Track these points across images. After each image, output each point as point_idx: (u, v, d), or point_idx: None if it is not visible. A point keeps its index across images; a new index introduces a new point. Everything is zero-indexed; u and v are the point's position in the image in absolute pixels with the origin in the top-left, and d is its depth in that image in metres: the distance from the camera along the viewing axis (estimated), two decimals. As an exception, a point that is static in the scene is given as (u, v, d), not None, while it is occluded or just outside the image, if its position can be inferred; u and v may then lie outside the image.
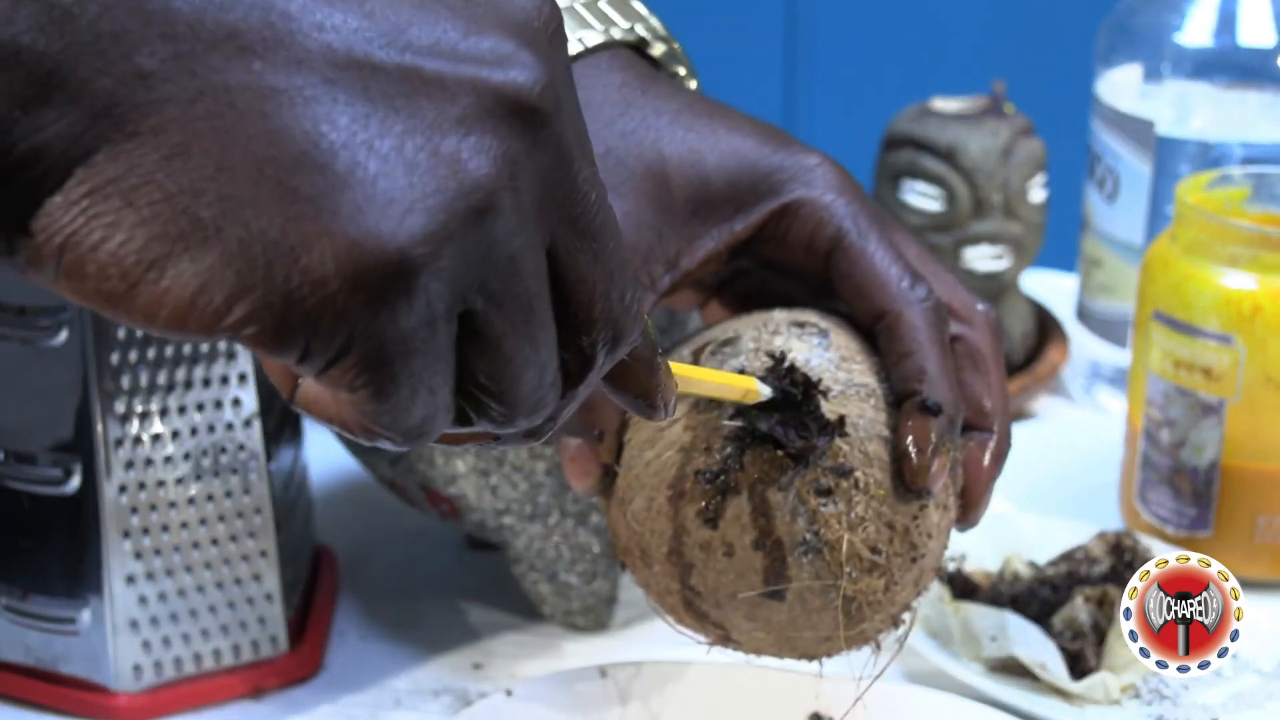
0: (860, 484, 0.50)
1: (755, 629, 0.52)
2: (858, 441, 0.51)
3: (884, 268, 0.54)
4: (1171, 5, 0.95)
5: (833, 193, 0.55)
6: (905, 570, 0.52)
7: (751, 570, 0.50)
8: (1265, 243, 0.77)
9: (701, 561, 0.51)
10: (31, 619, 0.69)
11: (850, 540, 0.50)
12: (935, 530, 0.53)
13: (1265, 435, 0.78)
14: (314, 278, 0.33)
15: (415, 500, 0.74)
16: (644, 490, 0.52)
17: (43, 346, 0.66)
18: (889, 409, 0.52)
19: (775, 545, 0.50)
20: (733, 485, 0.50)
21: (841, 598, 0.51)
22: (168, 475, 0.68)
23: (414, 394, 0.36)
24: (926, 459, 0.51)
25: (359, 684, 0.73)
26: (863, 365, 0.52)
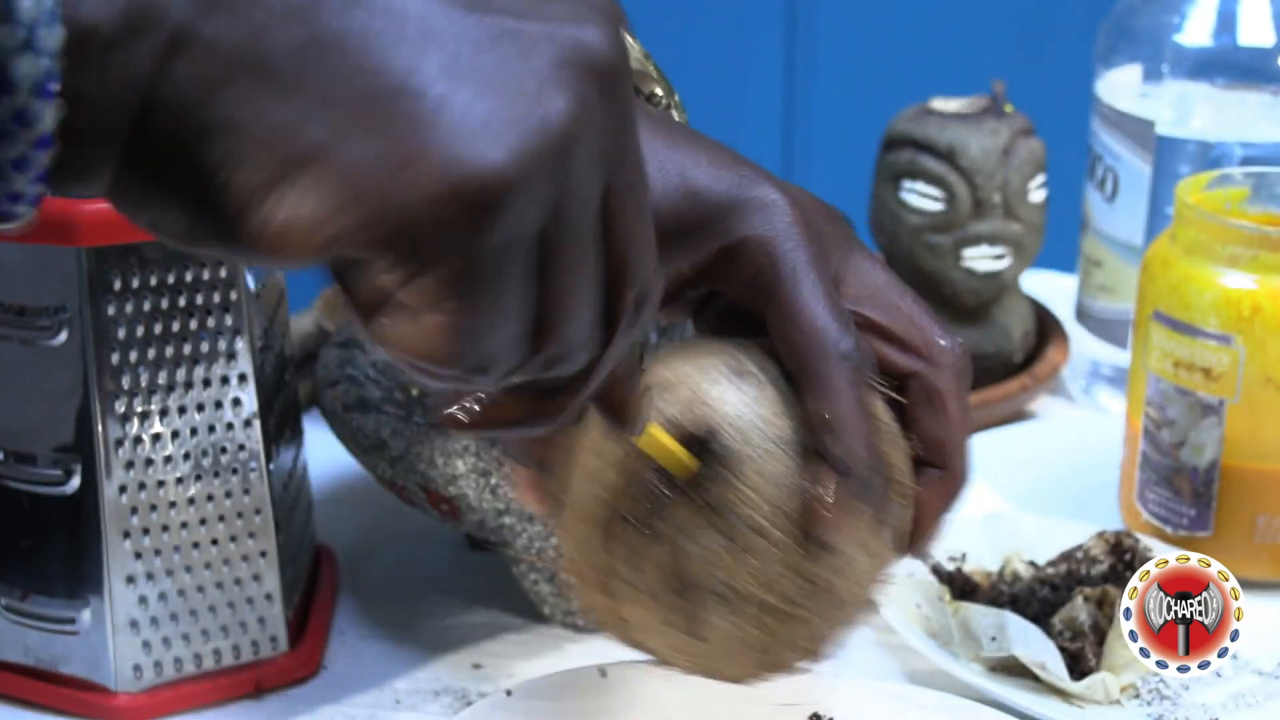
0: (775, 540, 0.51)
1: (683, 659, 0.54)
2: (775, 497, 0.51)
3: (809, 321, 0.52)
4: (1171, 5, 0.95)
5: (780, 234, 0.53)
6: (824, 614, 0.53)
7: (674, 612, 0.52)
8: (1265, 243, 0.77)
9: (630, 598, 0.53)
10: (31, 619, 0.69)
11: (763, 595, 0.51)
12: (860, 576, 0.53)
13: (1265, 435, 0.78)
14: (419, 188, 0.36)
15: (415, 500, 0.74)
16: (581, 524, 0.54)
17: (43, 346, 0.66)
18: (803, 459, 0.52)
19: (694, 592, 0.52)
20: (654, 534, 0.52)
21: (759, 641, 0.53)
22: (168, 475, 0.68)
23: (495, 315, 0.39)
24: (830, 518, 0.51)
25: (359, 684, 0.73)
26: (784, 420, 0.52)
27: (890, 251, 0.99)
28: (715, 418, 0.52)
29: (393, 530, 0.85)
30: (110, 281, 0.65)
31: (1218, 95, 0.94)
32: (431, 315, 0.38)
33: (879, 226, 0.99)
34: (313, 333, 0.96)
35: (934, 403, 0.55)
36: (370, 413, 0.75)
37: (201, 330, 0.67)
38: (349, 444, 0.76)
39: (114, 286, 0.65)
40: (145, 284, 0.66)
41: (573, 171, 0.38)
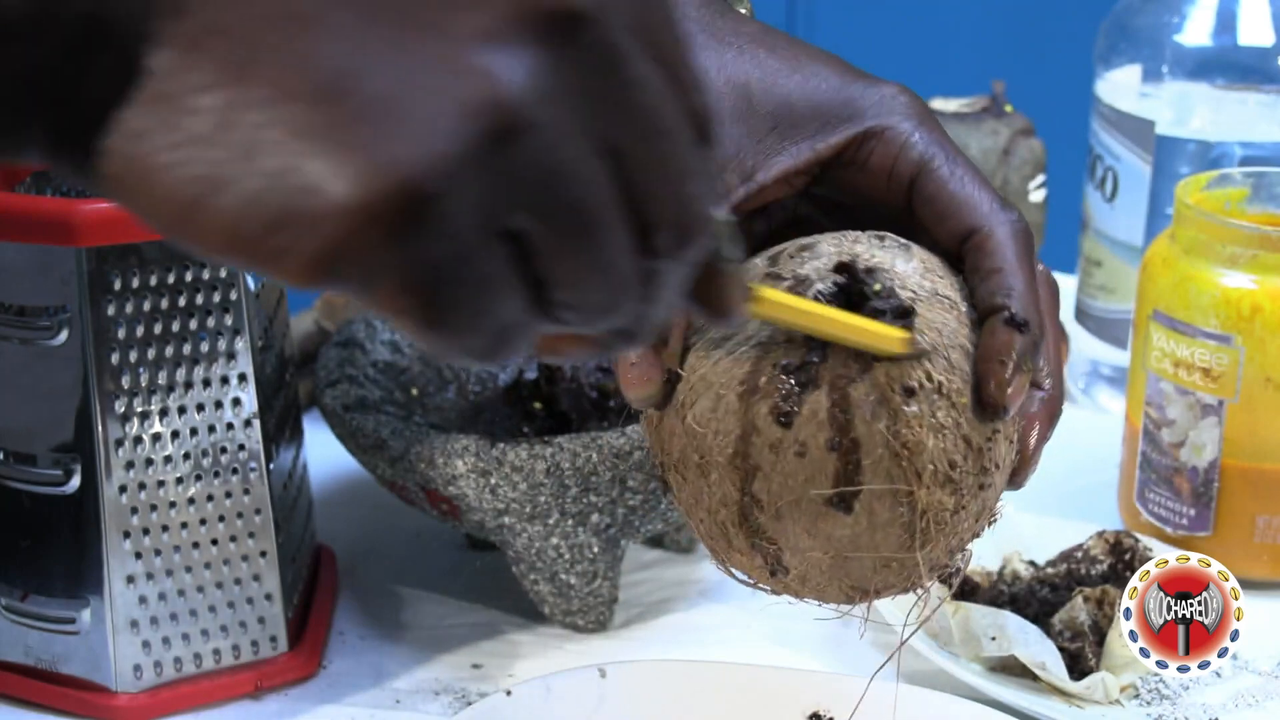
0: (943, 389, 0.48)
1: (813, 546, 0.49)
2: (942, 348, 0.49)
3: (973, 190, 0.54)
4: (1171, 5, 0.95)
5: (914, 120, 0.55)
6: (973, 495, 0.50)
7: (822, 474, 0.48)
8: (1265, 243, 0.77)
9: (769, 464, 0.48)
10: (31, 619, 0.69)
11: (930, 445, 0.48)
12: (1003, 463, 0.51)
13: (1265, 435, 0.78)
14: (332, 212, 0.34)
15: (415, 500, 0.74)
16: (711, 390, 0.49)
17: (43, 346, 0.66)
18: (971, 325, 0.50)
19: (851, 446, 0.47)
20: (813, 379, 0.48)
21: (910, 512, 0.48)
22: (168, 475, 0.68)
23: (468, 319, 0.36)
24: (1007, 375, 0.49)
25: (359, 684, 0.73)
26: (946, 280, 0.51)
27: (890, 251, 0.99)
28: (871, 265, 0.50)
29: (393, 530, 0.85)
30: (110, 281, 0.65)
31: (1218, 95, 0.94)
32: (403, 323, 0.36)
33: (879, 226, 0.99)
34: (313, 333, 0.96)
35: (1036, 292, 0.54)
36: (370, 413, 0.75)
37: (201, 330, 0.67)
38: (349, 444, 0.76)
39: (114, 286, 0.65)
40: (145, 284, 0.66)
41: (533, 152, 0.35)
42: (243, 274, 0.67)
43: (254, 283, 0.69)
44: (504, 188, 0.35)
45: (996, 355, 0.49)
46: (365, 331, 0.84)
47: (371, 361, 0.82)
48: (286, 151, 0.34)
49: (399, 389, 0.82)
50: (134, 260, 0.65)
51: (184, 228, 0.35)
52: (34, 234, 0.64)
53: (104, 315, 0.65)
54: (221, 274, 0.67)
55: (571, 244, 0.37)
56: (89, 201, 0.64)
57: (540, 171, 0.35)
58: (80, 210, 0.63)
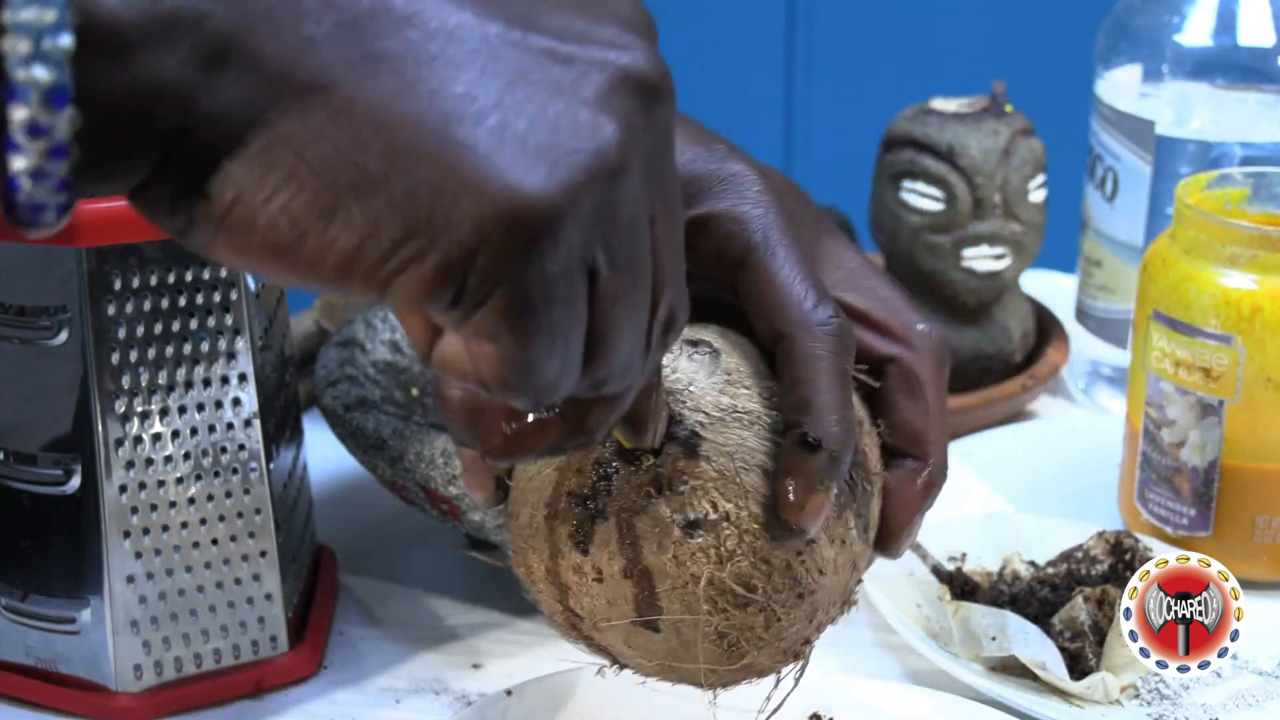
0: (732, 517, 0.48)
1: (636, 655, 0.51)
2: (732, 472, 0.48)
3: (787, 286, 0.51)
4: (1171, 5, 0.95)
5: (749, 204, 0.52)
6: (791, 607, 0.49)
7: (623, 598, 0.49)
8: (1265, 243, 0.77)
9: (576, 585, 0.50)
10: (31, 619, 0.69)
11: (719, 576, 0.48)
12: (829, 566, 0.50)
13: (1265, 435, 0.78)
14: (473, 220, 0.36)
15: (415, 500, 0.74)
16: (527, 506, 0.51)
17: (43, 346, 0.66)
18: (775, 439, 0.49)
19: (643, 574, 0.48)
20: (601, 510, 0.49)
21: (715, 632, 0.49)
22: (168, 475, 0.68)
23: (551, 344, 0.38)
24: (804, 496, 0.48)
25: (359, 684, 0.73)
26: (750, 391, 0.50)
27: (890, 251, 0.99)
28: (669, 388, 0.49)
29: (393, 530, 0.85)
30: (110, 281, 0.65)
31: (1218, 95, 0.94)
32: (488, 345, 0.38)
33: (879, 226, 0.99)
34: (313, 333, 0.96)
35: (913, 390, 0.52)
36: (370, 413, 0.75)
37: (201, 330, 0.67)
38: (349, 444, 0.76)
39: (114, 286, 0.65)
40: (145, 284, 0.66)
41: (622, 198, 0.38)
42: (243, 274, 0.67)
43: (254, 282, 0.69)
44: (600, 223, 0.38)
45: (790, 478, 0.48)
46: (365, 331, 0.84)
47: (371, 361, 0.82)
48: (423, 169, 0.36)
49: (399, 389, 0.82)
50: (134, 260, 0.65)
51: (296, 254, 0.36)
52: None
53: (104, 315, 0.65)
54: (222, 274, 0.67)
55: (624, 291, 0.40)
56: (89, 201, 0.64)
57: (622, 217, 0.39)
58: (80, 210, 0.63)
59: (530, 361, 0.38)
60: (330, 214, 0.36)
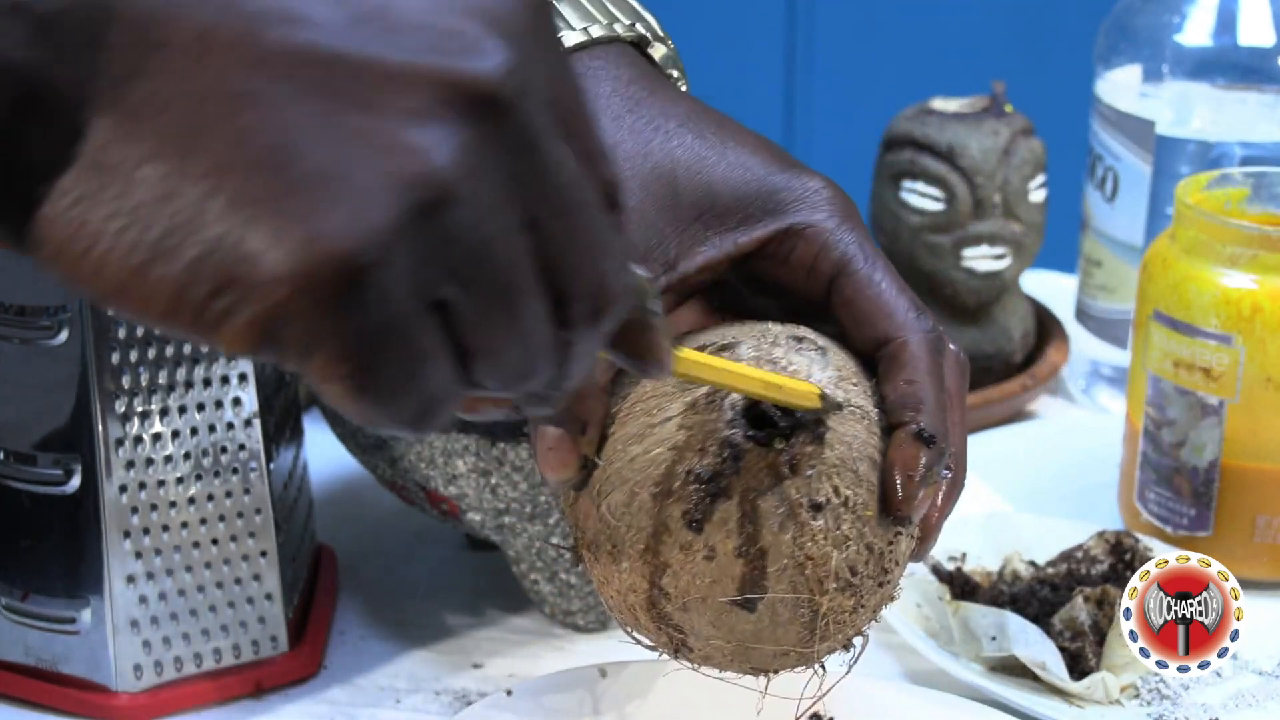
0: (850, 503, 0.50)
1: (716, 636, 0.52)
2: (850, 460, 0.50)
3: (891, 296, 0.54)
4: (1171, 5, 0.95)
5: (838, 218, 0.55)
6: (872, 593, 0.52)
7: (729, 577, 0.50)
8: (1265, 243, 0.77)
9: (679, 562, 0.51)
10: (31, 619, 0.69)
11: (834, 558, 0.50)
12: (902, 559, 0.53)
13: (1265, 435, 0.78)
14: (275, 276, 0.34)
15: (415, 500, 0.74)
16: (626, 485, 0.51)
17: (43, 346, 0.66)
18: (880, 434, 0.52)
19: (758, 554, 0.50)
20: (724, 490, 0.50)
21: (810, 614, 0.51)
22: (168, 475, 0.68)
23: (398, 387, 0.37)
24: (913, 488, 0.51)
25: (359, 684, 0.73)
26: (858, 388, 0.52)
27: (890, 251, 0.99)
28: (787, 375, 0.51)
29: (393, 530, 0.85)
30: (110, 281, 0.65)
31: (1218, 95, 0.94)
32: (334, 391, 0.37)
33: (879, 226, 0.99)
34: (313, 333, 0.96)
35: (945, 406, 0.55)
36: (370, 413, 0.75)
37: (201, 330, 0.67)
38: (349, 444, 0.76)
39: (114, 286, 0.65)
40: (145, 284, 0.66)
41: (459, 226, 0.36)
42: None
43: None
44: (433, 259, 0.36)
45: (904, 469, 0.51)
46: (365, 331, 0.84)
47: (371, 361, 0.82)
48: (226, 221, 0.34)
49: (399, 389, 0.82)
50: (134, 260, 0.65)
51: (125, 296, 0.35)
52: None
53: (104, 315, 0.65)
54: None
55: (493, 314, 0.38)
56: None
57: (466, 244, 0.36)
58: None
59: (378, 405, 0.37)
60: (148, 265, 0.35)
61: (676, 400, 0.51)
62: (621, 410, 0.52)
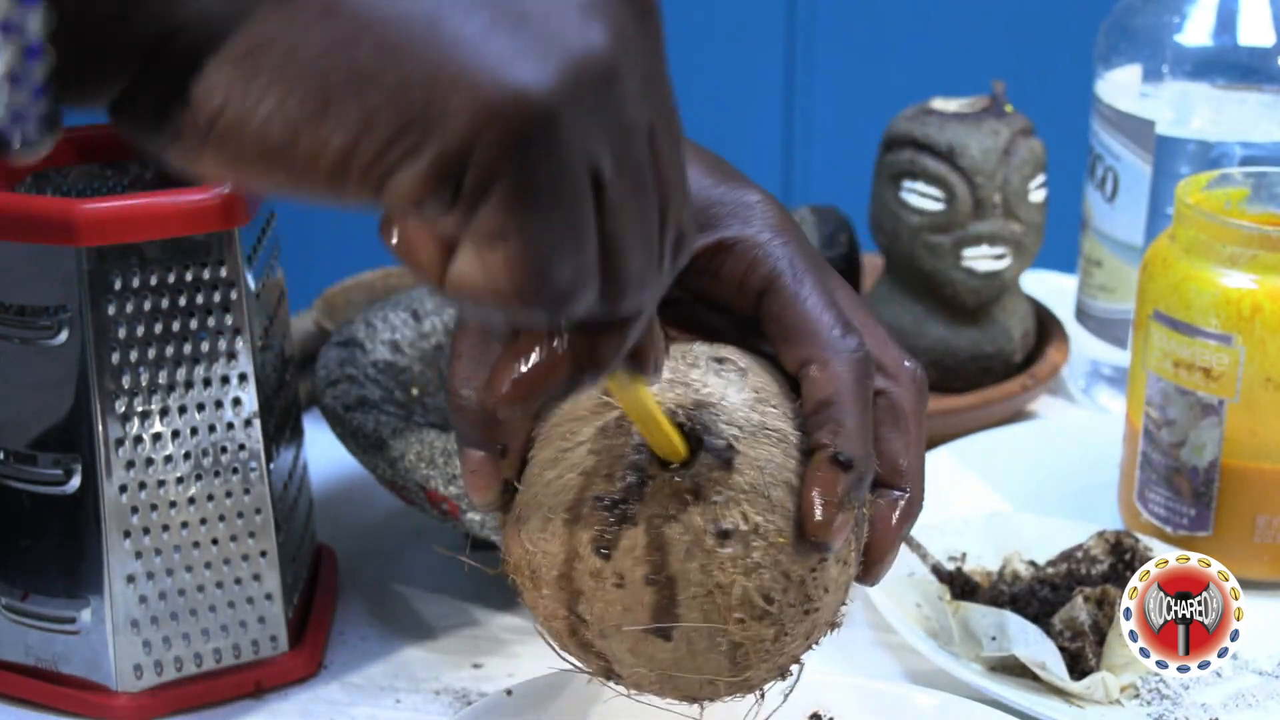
0: (760, 530, 0.49)
1: (638, 664, 0.51)
2: (762, 486, 0.49)
3: (816, 313, 0.52)
4: (1171, 5, 0.95)
5: (770, 232, 0.54)
6: (797, 622, 0.50)
7: (640, 605, 0.49)
8: (1265, 243, 0.77)
9: (590, 590, 0.50)
10: (32, 619, 0.69)
11: (744, 586, 0.48)
12: (832, 585, 0.51)
13: (1265, 435, 0.78)
14: (469, 113, 0.35)
15: (415, 500, 0.74)
16: (541, 510, 0.50)
17: (43, 346, 0.66)
18: (800, 457, 0.50)
19: (667, 582, 0.48)
20: (630, 516, 0.49)
21: (729, 643, 0.49)
22: (168, 475, 0.68)
23: (561, 242, 0.38)
24: (831, 513, 0.49)
25: (359, 684, 0.73)
26: (777, 410, 0.51)
27: (890, 251, 0.99)
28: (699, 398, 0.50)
29: (393, 530, 0.85)
30: (110, 281, 0.65)
31: (1218, 95, 0.94)
32: (498, 248, 0.37)
33: (879, 226, 0.99)
34: (313, 333, 0.96)
35: (898, 423, 0.54)
36: (370, 413, 0.75)
37: (201, 330, 0.67)
38: (349, 444, 0.76)
39: (114, 286, 0.65)
40: (145, 284, 0.66)
41: (618, 101, 0.38)
42: (243, 273, 0.67)
43: (254, 282, 0.69)
44: (601, 124, 0.37)
45: (820, 494, 0.49)
46: (365, 331, 0.84)
47: (371, 361, 0.82)
48: (409, 68, 0.35)
49: (399, 389, 0.82)
50: (134, 260, 0.65)
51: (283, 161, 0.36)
52: (34, 234, 0.64)
53: (104, 315, 0.65)
54: (222, 273, 0.67)
55: (632, 201, 0.39)
56: (89, 201, 0.64)
57: (622, 121, 0.38)
58: (80, 210, 0.63)
59: (542, 260, 0.38)
60: (322, 114, 0.35)
61: (590, 424, 0.51)
62: (541, 433, 0.52)
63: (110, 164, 0.75)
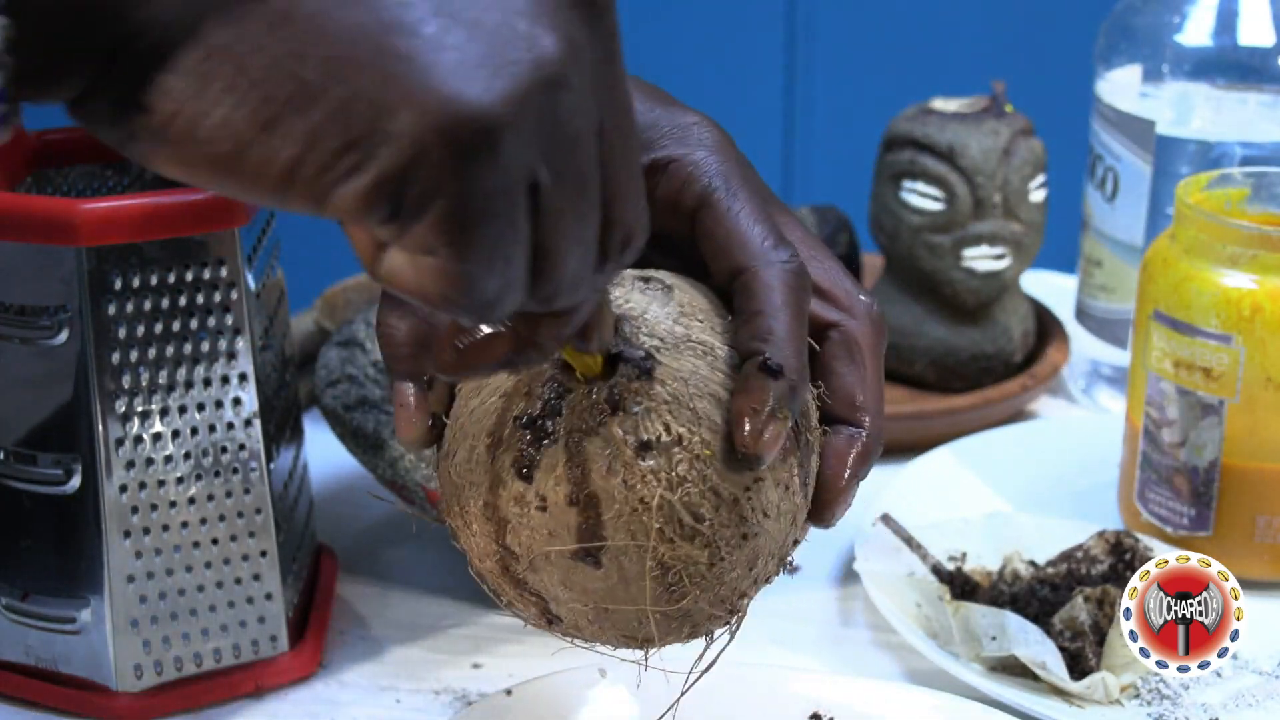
0: (684, 441, 0.47)
1: (572, 597, 0.48)
2: (686, 397, 0.47)
3: (747, 226, 0.52)
4: (1171, 5, 0.95)
5: (704, 150, 0.53)
6: (734, 547, 0.48)
7: (565, 529, 0.47)
8: (1265, 243, 0.77)
9: (516, 517, 0.48)
10: (32, 619, 0.69)
11: (668, 500, 0.46)
12: (773, 510, 0.49)
13: (1265, 435, 0.78)
14: (411, 132, 0.36)
15: (415, 500, 0.74)
16: (466, 440, 0.49)
17: (43, 346, 0.66)
18: (729, 372, 0.48)
19: (590, 501, 0.46)
20: (549, 432, 0.47)
21: (659, 565, 0.47)
22: (168, 475, 0.68)
23: (491, 259, 0.38)
24: (760, 422, 0.47)
25: (359, 684, 0.73)
26: (704, 324, 0.49)
27: (890, 251, 0.99)
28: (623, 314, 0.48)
29: (393, 530, 0.85)
30: (110, 281, 0.65)
31: (1218, 95, 0.94)
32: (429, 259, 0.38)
33: (879, 226, 0.99)
34: (313, 333, 0.96)
35: (853, 356, 0.53)
36: (370, 413, 0.75)
37: (201, 330, 0.67)
38: (349, 444, 0.76)
39: (114, 286, 0.65)
40: (145, 284, 0.66)
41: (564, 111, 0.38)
42: (244, 273, 0.67)
43: (254, 282, 0.69)
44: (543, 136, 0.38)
45: (748, 403, 0.47)
46: (365, 331, 0.84)
47: (372, 361, 0.82)
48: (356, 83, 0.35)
49: (399, 389, 0.82)
50: (134, 260, 0.65)
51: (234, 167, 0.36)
52: (34, 234, 0.64)
53: (104, 315, 0.65)
54: (222, 273, 0.67)
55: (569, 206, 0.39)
56: (89, 201, 0.64)
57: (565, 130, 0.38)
58: (80, 210, 0.63)
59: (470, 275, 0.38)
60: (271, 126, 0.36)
61: None
62: None
63: (110, 164, 0.75)
